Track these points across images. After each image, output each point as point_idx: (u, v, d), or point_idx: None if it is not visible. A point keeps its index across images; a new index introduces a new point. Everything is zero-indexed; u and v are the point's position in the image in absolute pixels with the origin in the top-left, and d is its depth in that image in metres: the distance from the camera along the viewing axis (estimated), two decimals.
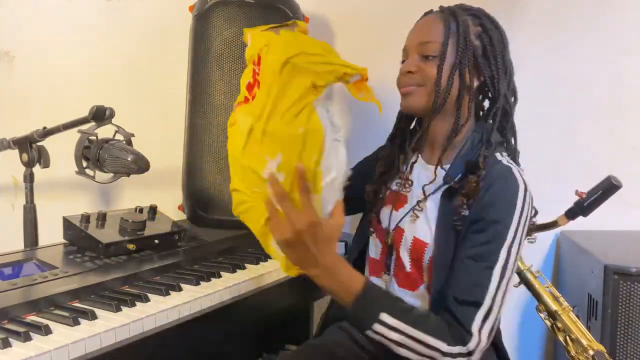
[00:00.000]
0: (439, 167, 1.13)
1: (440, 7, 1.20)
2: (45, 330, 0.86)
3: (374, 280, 1.23)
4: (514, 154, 1.19)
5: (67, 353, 0.83)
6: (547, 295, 1.27)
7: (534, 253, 1.90)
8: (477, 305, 0.99)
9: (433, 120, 1.16)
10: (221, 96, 1.59)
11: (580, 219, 1.25)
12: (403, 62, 1.21)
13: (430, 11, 1.21)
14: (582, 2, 1.86)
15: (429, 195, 1.13)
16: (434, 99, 1.13)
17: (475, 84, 1.15)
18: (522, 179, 1.08)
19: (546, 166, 1.85)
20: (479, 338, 0.98)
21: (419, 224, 1.14)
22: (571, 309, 1.26)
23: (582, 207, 1.22)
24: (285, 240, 0.95)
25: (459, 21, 1.13)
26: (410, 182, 1.21)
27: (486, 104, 1.23)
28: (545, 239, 1.89)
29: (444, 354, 0.98)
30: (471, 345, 0.98)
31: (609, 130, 1.87)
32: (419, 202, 1.14)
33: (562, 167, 1.87)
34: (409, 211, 1.16)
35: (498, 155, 1.12)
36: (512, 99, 1.19)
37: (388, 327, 0.99)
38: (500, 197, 1.05)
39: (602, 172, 1.24)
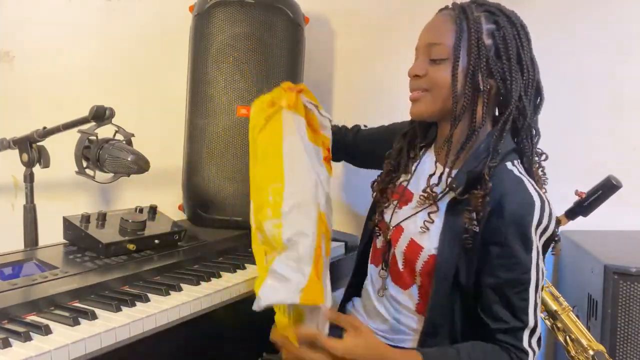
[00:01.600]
0: (447, 172, 1.10)
1: (453, 3, 1.14)
2: (45, 330, 0.86)
3: (372, 268, 1.24)
4: (529, 162, 1.13)
5: (67, 353, 0.83)
6: (547, 295, 1.27)
7: None
8: (525, 327, 1.02)
9: (448, 124, 1.12)
10: (221, 96, 1.59)
11: (580, 219, 1.25)
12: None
13: (446, 7, 1.15)
14: (583, 2, 1.86)
15: (438, 200, 1.10)
16: (452, 106, 1.08)
17: (490, 86, 1.08)
18: (537, 191, 1.05)
19: (546, 166, 1.85)
20: (532, 351, 1.02)
21: (419, 227, 1.12)
22: (571, 309, 1.26)
23: (582, 207, 1.22)
24: None
25: (471, 19, 1.08)
26: (418, 180, 1.19)
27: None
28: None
29: None
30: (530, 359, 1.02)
31: (609, 130, 1.87)
32: (429, 213, 1.10)
33: (562, 167, 1.87)
34: (414, 213, 1.14)
35: (509, 164, 1.08)
36: (530, 102, 1.11)
37: None
38: (514, 217, 1.02)
39: (602, 172, 1.24)
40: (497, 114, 1.16)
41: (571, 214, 1.25)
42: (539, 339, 1.04)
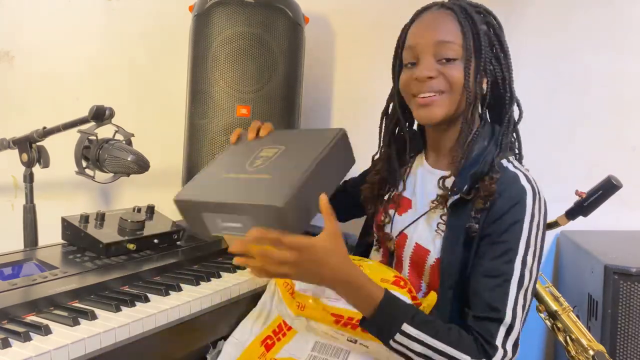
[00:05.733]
0: (446, 174, 1.10)
1: (448, 2, 1.12)
2: (45, 331, 0.86)
3: None
4: (520, 157, 1.15)
5: (67, 353, 0.83)
6: (547, 295, 1.27)
7: None
8: (499, 321, 0.97)
9: (441, 128, 1.11)
10: (221, 96, 1.59)
11: (580, 219, 1.25)
12: (410, 64, 1.10)
13: (432, 5, 1.13)
14: (583, 2, 1.86)
15: (436, 205, 1.10)
16: (464, 106, 1.07)
17: (486, 87, 1.09)
18: (531, 185, 1.04)
19: (546, 166, 1.85)
20: (504, 351, 0.96)
21: (422, 230, 1.12)
22: (571, 309, 1.26)
23: (582, 207, 1.22)
24: (285, 274, 0.92)
25: (476, 20, 1.07)
26: (414, 186, 1.19)
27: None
28: (546, 239, 1.89)
29: None
30: (497, 358, 0.95)
31: (609, 130, 1.87)
32: (442, 215, 1.09)
33: (562, 167, 1.87)
34: (417, 218, 1.13)
35: (504, 161, 1.08)
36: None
37: (410, 338, 0.95)
38: (506, 208, 1.02)
39: (602, 172, 1.24)
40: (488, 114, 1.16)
41: (571, 214, 1.25)
42: (516, 344, 0.97)
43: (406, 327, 0.95)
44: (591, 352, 1.19)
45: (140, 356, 0.95)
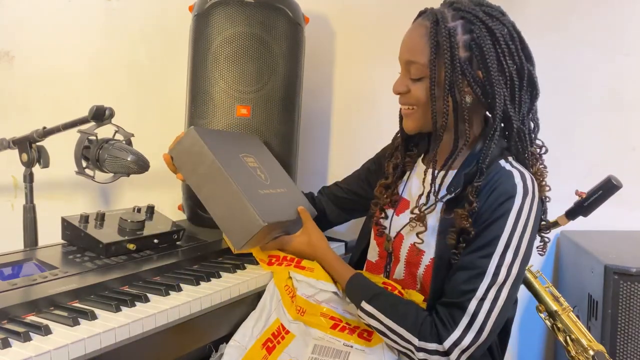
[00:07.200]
0: (441, 176, 1.10)
1: (430, 11, 1.09)
2: (45, 331, 0.86)
3: None
4: (523, 161, 1.12)
5: (66, 353, 0.83)
6: (547, 295, 1.27)
7: (534, 253, 1.90)
8: (462, 309, 0.99)
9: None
10: (221, 96, 1.59)
11: (580, 219, 1.25)
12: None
13: (423, 13, 1.11)
14: (582, 1, 1.86)
15: (431, 205, 1.10)
16: (432, 123, 1.08)
17: (469, 99, 1.06)
18: (524, 183, 1.03)
19: (547, 166, 1.84)
20: (459, 339, 0.97)
21: (417, 231, 1.12)
22: (571, 309, 1.26)
23: (582, 207, 1.22)
24: None
25: (444, 34, 1.03)
26: (410, 188, 1.20)
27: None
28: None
29: (417, 348, 1.00)
30: (447, 343, 0.97)
31: (609, 130, 1.87)
32: (419, 212, 1.11)
33: (562, 167, 1.87)
34: (411, 219, 1.14)
35: (502, 161, 1.08)
36: (521, 105, 1.07)
37: (367, 314, 1.08)
38: (494, 204, 1.02)
39: (602, 172, 1.24)
40: (488, 114, 1.14)
41: (571, 214, 1.25)
42: (478, 336, 0.98)
43: (364, 305, 1.08)
44: (591, 352, 1.19)
45: (140, 356, 0.95)
